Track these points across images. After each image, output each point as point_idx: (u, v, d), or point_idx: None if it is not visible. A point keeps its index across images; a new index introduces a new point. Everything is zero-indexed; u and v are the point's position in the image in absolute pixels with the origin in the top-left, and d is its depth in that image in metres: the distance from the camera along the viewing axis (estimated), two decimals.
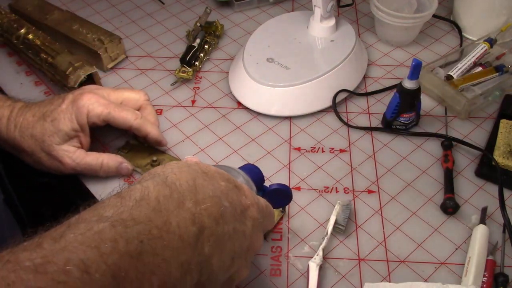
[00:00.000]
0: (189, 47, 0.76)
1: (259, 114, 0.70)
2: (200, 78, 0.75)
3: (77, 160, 0.58)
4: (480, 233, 0.55)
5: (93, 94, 0.59)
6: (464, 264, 0.53)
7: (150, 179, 0.38)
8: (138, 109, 0.63)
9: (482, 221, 0.56)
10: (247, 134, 0.67)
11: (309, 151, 0.65)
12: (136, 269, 0.31)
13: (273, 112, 0.69)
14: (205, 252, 0.37)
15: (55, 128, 0.57)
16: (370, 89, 0.74)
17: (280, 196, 0.52)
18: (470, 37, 0.82)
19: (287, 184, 0.61)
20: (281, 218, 0.57)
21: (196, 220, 0.36)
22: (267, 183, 0.61)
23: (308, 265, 0.52)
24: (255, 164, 0.63)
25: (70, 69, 0.68)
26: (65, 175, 0.60)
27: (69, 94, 0.59)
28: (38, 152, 0.58)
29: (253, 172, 0.49)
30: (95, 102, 0.58)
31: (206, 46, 0.77)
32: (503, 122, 0.65)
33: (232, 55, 0.79)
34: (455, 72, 0.71)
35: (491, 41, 0.74)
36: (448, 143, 0.64)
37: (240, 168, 0.49)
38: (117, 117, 0.59)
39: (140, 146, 0.65)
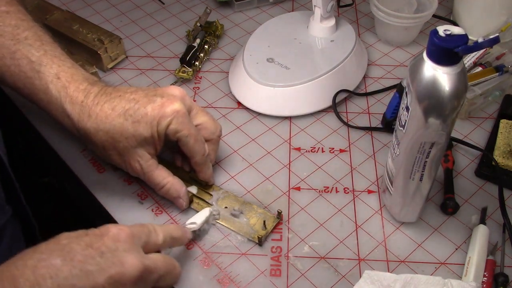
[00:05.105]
0: (189, 47, 0.76)
1: (259, 114, 0.70)
2: (200, 78, 0.75)
3: (146, 170, 0.55)
4: (480, 233, 0.55)
5: (181, 107, 0.54)
6: (464, 264, 0.53)
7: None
8: (207, 140, 0.58)
9: (482, 221, 0.56)
10: (247, 134, 0.67)
11: (309, 151, 0.65)
12: None
13: (273, 112, 0.69)
14: None
15: (135, 130, 0.53)
16: (370, 89, 0.74)
17: None
18: (470, 37, 0.81)
19: (287, 184, 0.61)
20: (278, 223, 0.57)
21: None
22: (267, 183, 0.61)
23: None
24: (255, 164, 0.64)
25: None
26: (66, 175, 0.60)
27: (157, 95, 0.54)
28: (110, 149, 0.55)
29: None
30: (180, 118, 0.53)
31: (206, 46, 0.77)
32: (503, 122, 0.65)
33: (232, 55, 0.79)
34: None
35: None
36: (448, 143, 0.64)
37: None
38: (190, 144, 0.55)
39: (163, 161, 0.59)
